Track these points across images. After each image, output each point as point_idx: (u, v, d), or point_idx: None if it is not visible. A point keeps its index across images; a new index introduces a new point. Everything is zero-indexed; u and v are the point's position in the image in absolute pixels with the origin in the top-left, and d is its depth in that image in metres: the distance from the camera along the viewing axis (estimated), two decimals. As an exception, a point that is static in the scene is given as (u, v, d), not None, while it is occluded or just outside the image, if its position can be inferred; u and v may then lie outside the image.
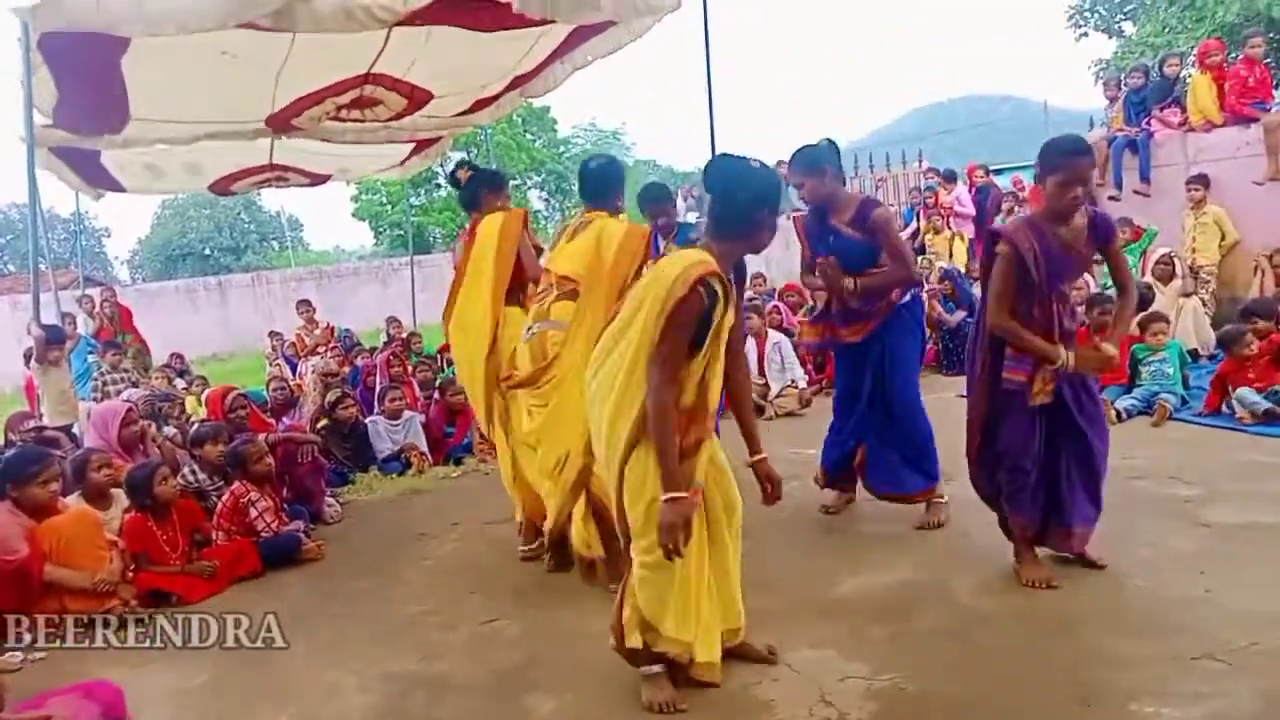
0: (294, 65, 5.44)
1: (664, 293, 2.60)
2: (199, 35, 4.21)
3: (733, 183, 2.77)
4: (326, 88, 6.10)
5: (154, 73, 5.02)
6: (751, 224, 2.77)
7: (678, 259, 2.70)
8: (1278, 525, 3.86)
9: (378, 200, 29.20)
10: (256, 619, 3.71)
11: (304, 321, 10.24)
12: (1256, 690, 2.65)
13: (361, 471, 6.27)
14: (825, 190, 4.16)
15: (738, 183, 2.77)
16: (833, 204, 4.18)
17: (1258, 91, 8.19)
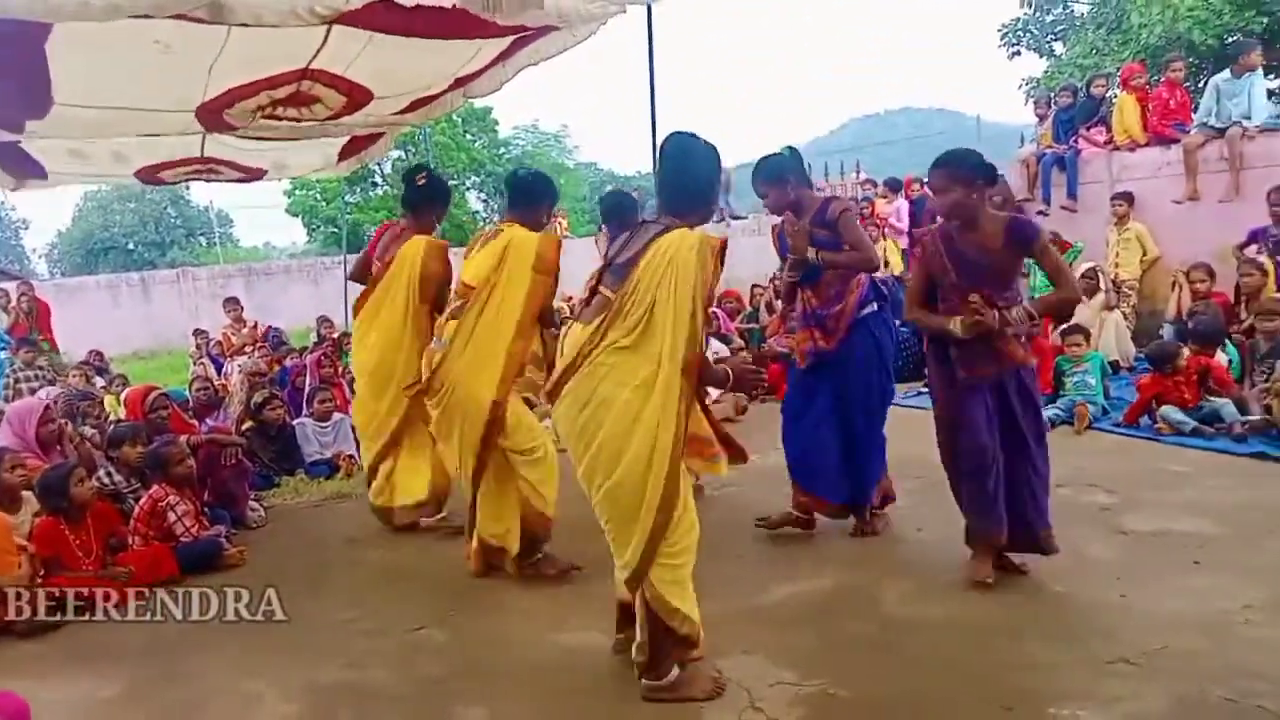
0: (229, 57, 5.27)
1: (691, 270, 2.60)
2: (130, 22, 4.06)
3: (691, 159, 2.85)
4: (262, 80, 5.92)
5: (80, 58, 4.84)
6: (708, 198, 2.91)
7: (680, 239, 2.66)
8: (1189, 532, 4.00)
9: (312, 197, 28.60)
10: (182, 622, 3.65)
11: (231, 320, 9.97)
12: (1167, 692, 2.74)
13: (288, 475, 6.12)
14: (789, 199, 4.21)
15: (695, 159, 2.85)
16: (799, 210, 4.23)
17: (1178, 114, 8.50)
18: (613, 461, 2.69)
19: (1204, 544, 3.84)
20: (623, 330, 2.69)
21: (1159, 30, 14.08)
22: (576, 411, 2.74)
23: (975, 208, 3.49)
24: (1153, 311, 8.08)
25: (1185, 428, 5.47)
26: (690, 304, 2.61)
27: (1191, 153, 8.02)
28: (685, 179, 2.86)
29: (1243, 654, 2.91)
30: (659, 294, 2.63)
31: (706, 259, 2.63)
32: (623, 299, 2.70)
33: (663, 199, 2.88)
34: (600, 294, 2.83)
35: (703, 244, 2.63)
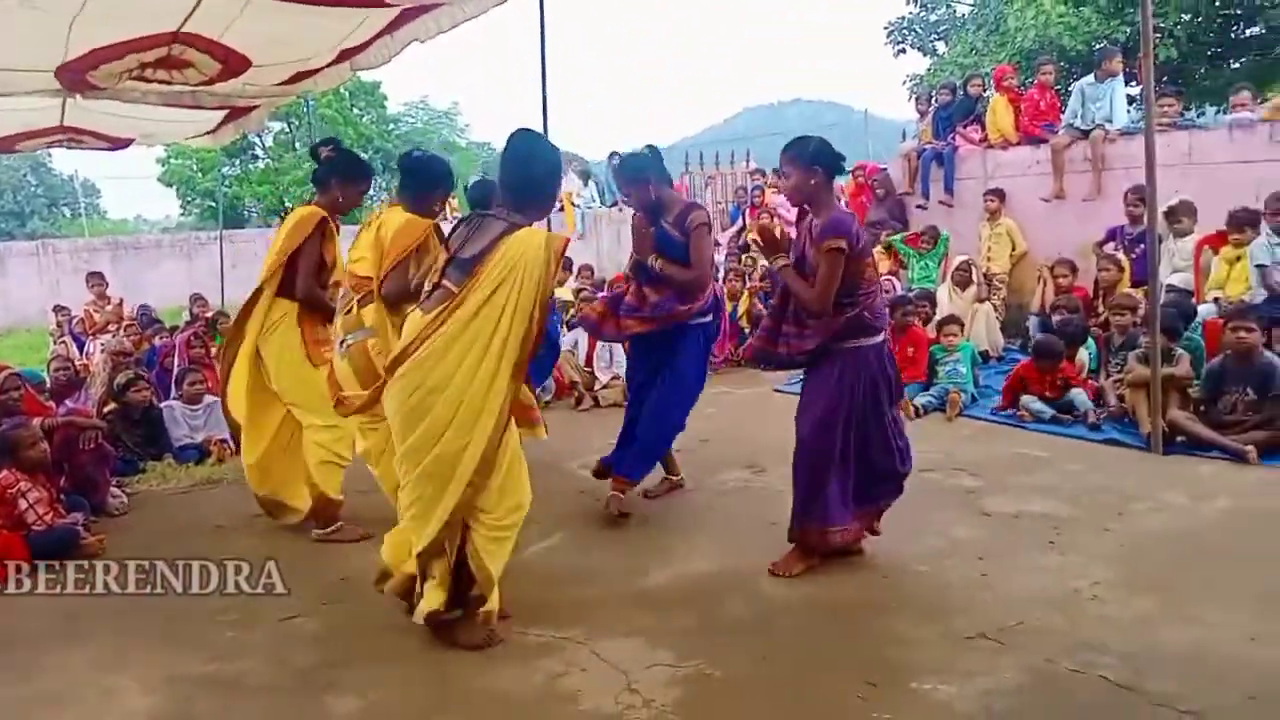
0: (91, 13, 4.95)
1: (538, 270, 2.75)
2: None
3: (533, 158, 2.99)
4: (129, 41, 5.58)
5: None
6: (548, 195, 3.07)
7: (528, 239, 2.80)
8: (1046, 514, 4.23)
9: (188, 167, 27.27)
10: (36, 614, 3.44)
11: (94, 296, 9.43)
12: (1021, 665, 2.89)
13: (155, 460, 5.84)
14: (650, 197, 4.34)
15: (538, 157, 3.00)
16: (661, 208, 4.35)
17: (1047, 115, 8.91)
18: (433, 441, 2.82)
19: (1059, 525, 4.07)
20: (460, 323, 2.79)
21: (1033, 34, 14.73)
22: (407, 395, 2.85)
23: (813, 193, 3.54)
24: (1021, 304, 8.46)
25: (1044, 416, 5.77)
26: (531, 304, 2.77)
27: (1059, 153, 8.43)
28: (528, 176, 2.98)
29: (1090, 629, 3.10)
30: (500, 289, 2.76)
31: (551, 261, 2.79)
32: (465, 292, 2.80)
33: (505, 193, 2.99)
34: (444, 287, 2.90)
35: (549, 245, 2.79)
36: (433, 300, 2.92)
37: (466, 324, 2.78)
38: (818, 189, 3.53)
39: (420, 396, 2.81)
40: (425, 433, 2.81)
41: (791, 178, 3.57)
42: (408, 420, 2.86)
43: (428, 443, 2.82)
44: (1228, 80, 13.94)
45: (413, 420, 2.84)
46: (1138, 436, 5.24)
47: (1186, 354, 5.42)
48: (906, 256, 8.97)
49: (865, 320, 3.52)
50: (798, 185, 3.55)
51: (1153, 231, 5.35)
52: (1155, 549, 3.79)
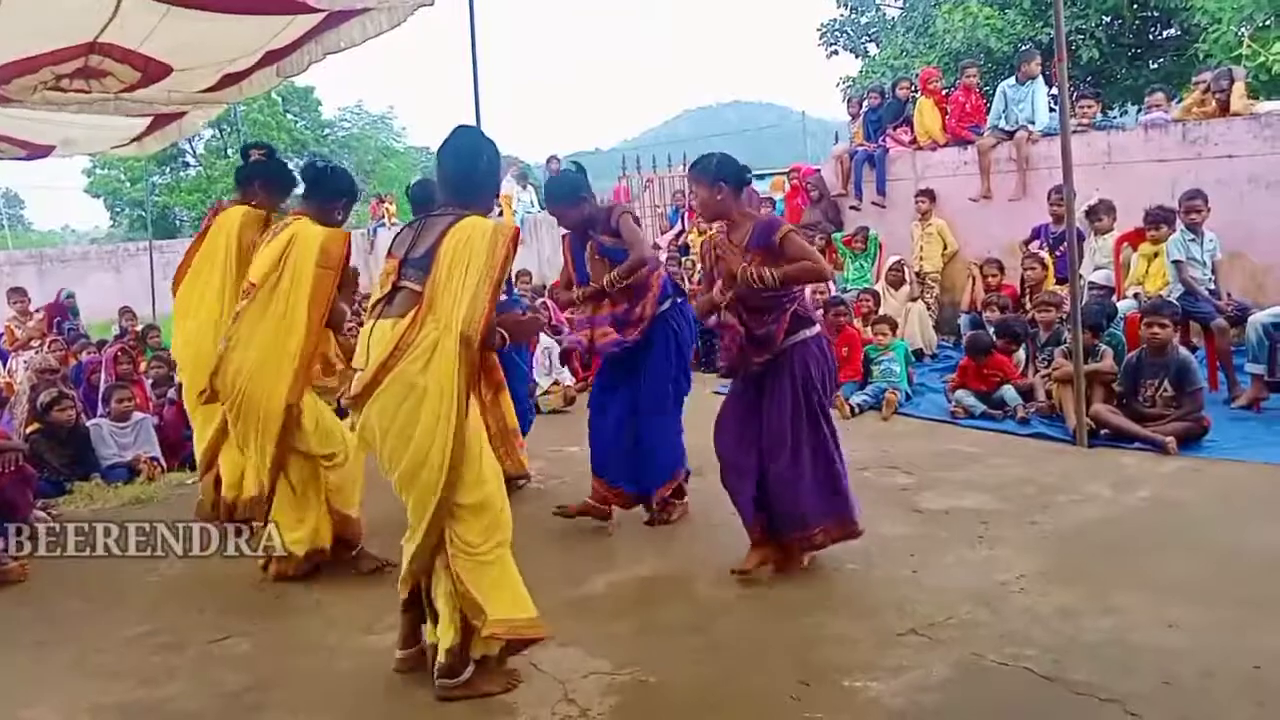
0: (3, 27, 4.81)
1: (483, 253, 2.69)
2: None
3: (473, 152, 2.98)
4: (43, 54, 5.43)
5: None
6: (489, 190, 3.08)
7: (474, 225, 2.76)
8: (975, 509, 4.33)
9: (115, 176, 26.61)
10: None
11: (16, 312, 9.14)
12: (949, 660, 2.95)
13: (82, 480, 5.68)
14: (583, 215, 4.36)
15: (478, 153, 2.99)
16: (592, 224, 4.36)
17: (973, 116, 9.12)
18: (426, 449, 2.71)
19: (987, 519, 4.17)
20: (436, 320, 2.70)
21: (960, 36, 15.04)
22: (396, 406, 2.71)
23: (722, 207, 3.67)
24: (954, 302, 8.66)
25: (976, 411, 5.91)
26: (476, 279, 2.69)
27: (985, 153, 8.64)
28: (468, 172, 2.97)
29: (1015, 621, 3.18)
30: (453, 275, 2.70)
31: (498, 244, 2.74)
32: (432, 290, 2.72)
33: (446, 191, 2.97)
34: (405, 288, 2.80)
35: (496, 230, 2.76)
36: (396, 305, 2.81)
37: (445, 322, 2.69)
38: (726, 202, 3.67)
39: (412, 405, 2.70)
40: (419, 442, 2.71)
41: (699, 195, 3.71)
42: (401, 435, 2.72)
43: (421, 452, 2.71)
44: (1147, 80, 14.40)
45: (406, 432, 2.71)
46: (1064, 430, 5.39)
47: (1110, 349, 5.59)
48: (844, 256, 9.10)
49: (800, 314, 3.67)
50: (705, 201, 3.70)
51: (1072, 230, 5.51)
52: (1079, 540, 3.90)
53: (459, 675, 2.85)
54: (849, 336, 6.87)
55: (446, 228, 2.77)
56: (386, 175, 30.10)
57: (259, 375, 3.61)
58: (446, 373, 2.68)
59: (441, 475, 2.70)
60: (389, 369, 2.70)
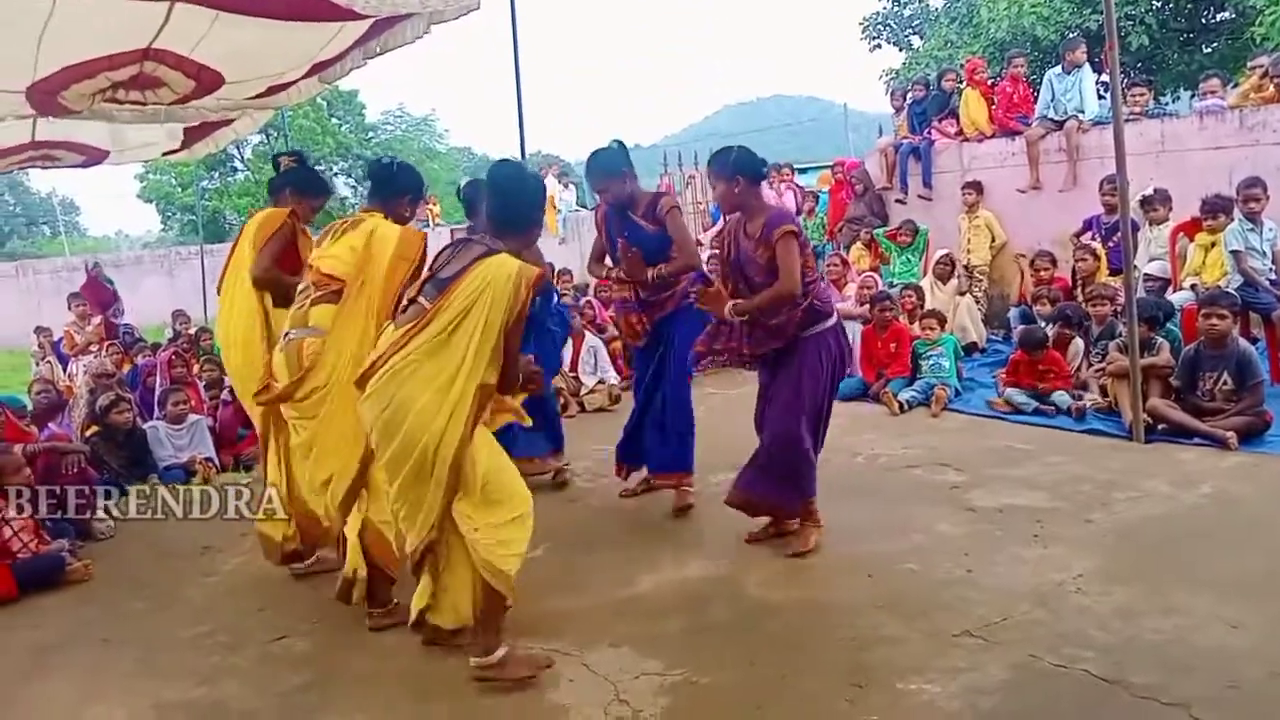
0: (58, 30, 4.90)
1: (505, 297, 2.81)
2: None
3: (514, 187, 3.10)
4: (99, 59, 5.53)
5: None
6: (531, 223, 3.14)
7: (499, 267, 2.85)
8: (1029, 507, 4.25)
9: (166, 182, 27.17)
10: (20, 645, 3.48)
11: (75, 317, 9.37)
12: (1005, 662, 2.90)
13: (140, 482, 5.81)
14: (626, 191, 4.39)
15: (519, 187, 3.10)
16: (633, 202, 4.41)
17: (1021, 107, 8.95)
18: (410, 451, 2.84)
19: (1042, 517, 4.09)
20: (426, 338, 2.83)
21: (1005, 25, 14.80)
22: (380, 409, 2.87)
23: (740, 200, 3.84)
24: (1003, 295, 8.53)
25: (1028, 408, 5.80)
26: (496, 333, 2.83)
27: (1033, 144, 8.48)
28: (510, 205, 3.08)
29: (1073, 622, 3.12)
30: (471, 311, 2.81)
31: (520, 289, 2.84)
32: (436, 311, 2.85)
33: (489, 221, 3.09)
34: (417, 303, 2.94)
35: (519, 275, 2.84)
36: (406, 316, 2.95)
37: (437, 342, 2.82)
38: (743, 195, 3.84)
39: (394, 410, 2.83)
40: (402, 443, 2.84)
41: (718, 188, 3.90)
42: (385, 432, 2.88)
43: (406, 452, 2.84)
44: (1200, 65, 14.04)
45: (390, 432, 2.86)
46: (1120, 426, 5.28)
47: (1166, 342, 5.46)
48: (889, 251, 8.99)
49: (817, 307, 3.81)
50: (724, 195, 3.88)
51: (1126, 220, 5.39)
52: (1137, 539, 3.82)
53: (494, 652, 2.94)
54: (896, 332, 6.79)
55: (475, 259, 2.88)
56: (429, 177, 30.39)
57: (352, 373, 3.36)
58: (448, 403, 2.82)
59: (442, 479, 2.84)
60: (376, 369, 2.88)
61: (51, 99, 5.98)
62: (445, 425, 2.81)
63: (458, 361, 2.82)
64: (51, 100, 6.01)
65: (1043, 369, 5.98)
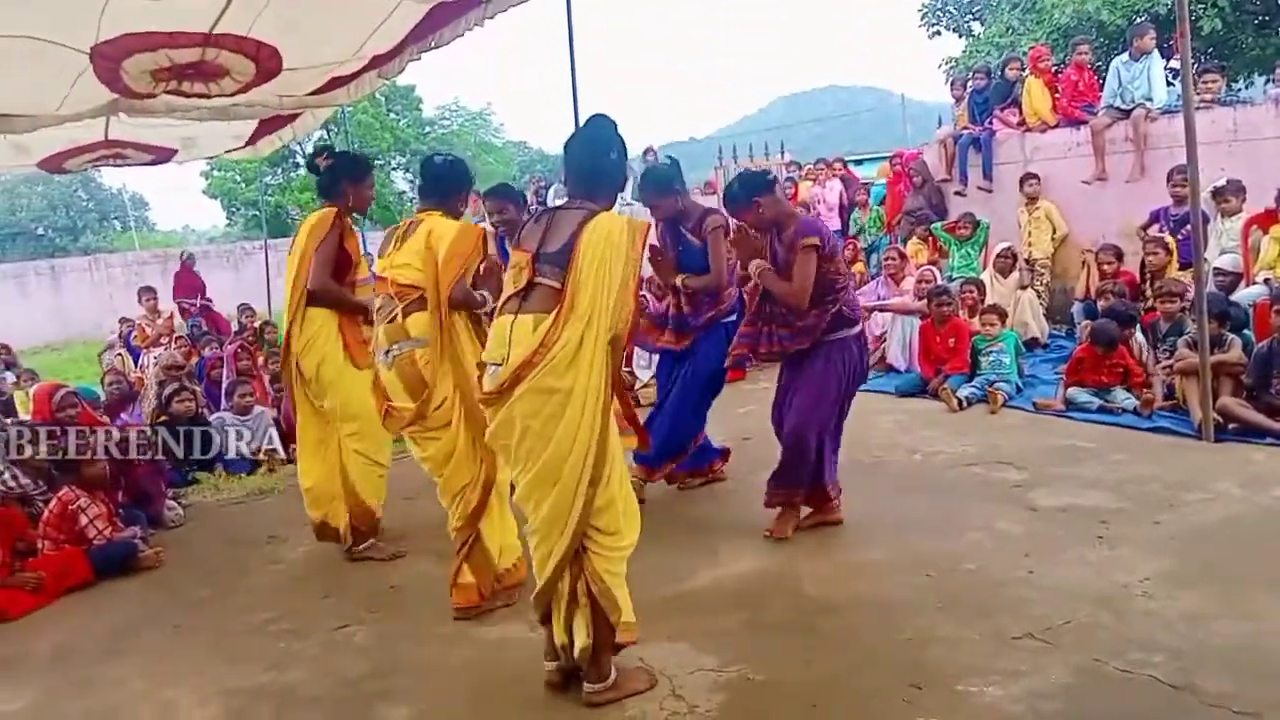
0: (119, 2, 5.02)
1: (623, 250, 2.70)
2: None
3: (604, 145, 2.95)
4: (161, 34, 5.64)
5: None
6: (618, 182, 3.01)
7: (611, 222, 2.74)
8: (1093, 507, 4.16)
9: (231, 178, 27.79)
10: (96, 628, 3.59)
11: (146, 310, 9.66)
12: (1068, 665, 2.85)
13: (207, 471, 5.99)
14: (677, 208, 4.57)
15: (608, 145, 2.95)
16: (685, 217, 4.57)
17: (1086, 95, 8.73)
18: (568, 448, 2.67)
19: (1106, 518, 4.00)
20: (580, 317, 2.66)
21: (1070, 10, 14.44)
22: (540, 406, 2.66)
23: (769, 218, 4.00)
24: (1065, 289, 8.33)
25: (1091, 406, 5.67)
26: (620, 277, 2.68)
27: (1099, 134, 8.26)
28: (597, 163, 2.93)
29: (1139, 626, 3.05)
30: (596, 273, 2.67)
31: (636, 240, 2.74)
32: (573, 286, 2.67)
33: (574, 182, 2.95)
34: (542, 285, 2.74)
35: (632, 226, 2.77)
36: (534, 300, 2.75)
37: (587, 319, 2.66)
38: (769, 212, 3.99)
39: (558, 403, 2.65)
40: (560, 441, 2.66)
41: (746, 218, 4.02)
42: (541, 435, 2.68)
43: (563, 451, 2.66)
44: (1276, 50, 13.56)
45: (545, 434, 2.67)
46: (1188, 424, 5.14)
47: (1237, 339, 5.30)
48: (948, 244, 8.84)
49: (844, 314, 3.96)
50: (754, 222, 4.02)
51: (1196, 213, 5.24)
52: (1207, 541, 3.72)
53: (607, 678, 2.84)
54: (955, 327, 6.69)
55: (582, 222, 2.73)
56: (485, 171, 30.65)
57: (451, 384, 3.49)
58: (594, 371, 2.66)
59: (585, 474, 2.67)
60: (533, 366, 2.65)
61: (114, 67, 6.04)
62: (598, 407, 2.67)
63: (600, 335, 2.67)
64: (114, 71, 6.07)
65: (1110, 365, 5.82)
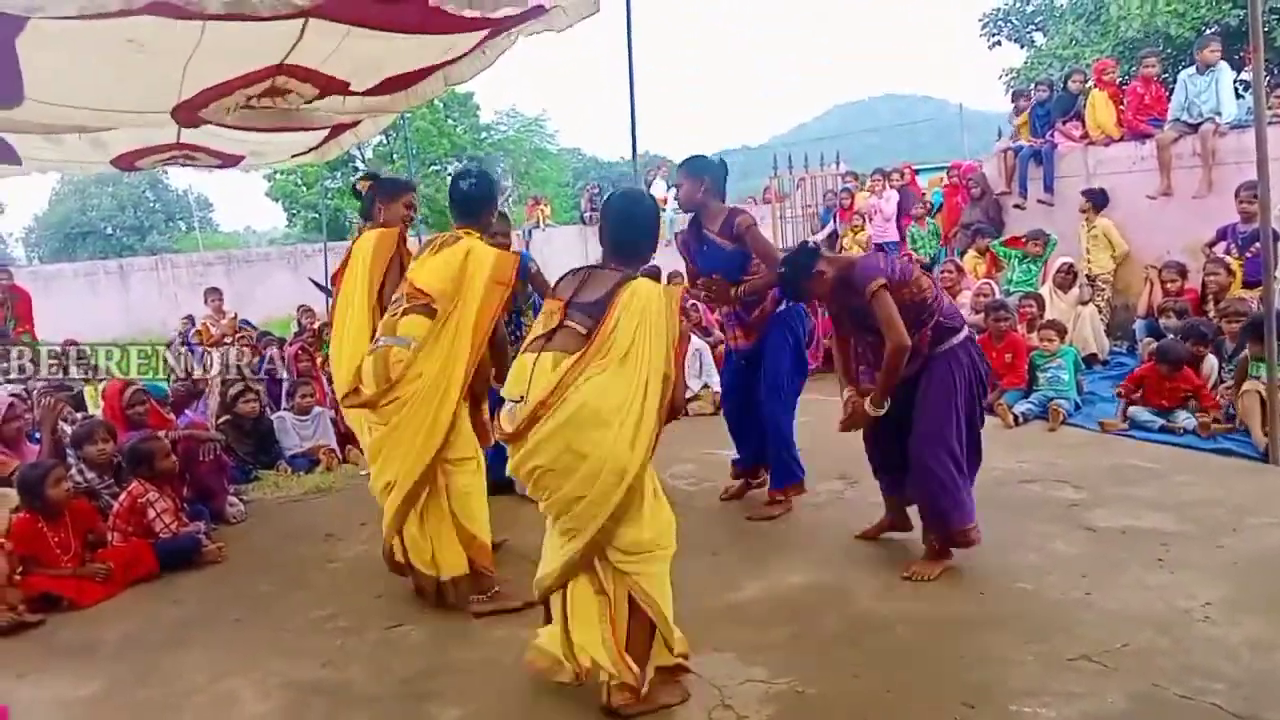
0: (204, 55, 5.21)
1: (662, 319, 2.82)
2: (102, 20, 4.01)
3: (634, 214, 3.13)
4: (237, 79, 5.86)
5: (53, 56, 4.78)
6: (648, 249, 3.15)
7: (648, 291, 2.85)
8: (1154, 529, 4.08)
9: (293, 181, 28.38)
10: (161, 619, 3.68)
11: (211, 310, 9.94)
12: (1125, 690, 2.81)
13: (267, 468, 6.14)
14: (698, 197, 4.56)
15: (638, 214, 3.14)
16: (704, 213, 4.58)
17: (1153, 108, 8.56)
18: (588, 478, 2.73)
19: (1167, 541, 3.93)
20: (604, 363, 2.75)
21: (1137, 24, 14.17)
22: (558, 450, 2.74)
23: (832, 280, 3.80)
24: (1127, 305, 8.18)
25: (1153, 426, 5.55)
26: (664, 353, 2.80)
27: (1165, 148, 8.10)
28: (629, 232, 3.11)
29: (1200, 652, 2.99)
30: (638, 333, 2.78)
31: (672, 308, 2.86)
32: (605, 333, 2.77)
33: (608, 248, 3.10)
34: (569, 327, 2.84)
35: (668, 296, 2.87)
36: (559, 340, 2.84)
37: (615, 368, 2.74)
38: (831, 271, 3.79)
39: (578, 446, 2.72)
40: (584, 476, 2.73)
41: (817, 291, 3.88)
42: (566, 470, 2.75)
43: (586, 484, 2.74)
44: (1353, 63, 13.14)
45: (571, 467, 2.74)
46: (1251, 446, 5.01)
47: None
48: (1007, 259, 8.72)
49: (943, 324, 3.77)
50: (826, 291, 3.84)
51: (1266, 230, 5.12)
52: (1272, 567, 3.62)
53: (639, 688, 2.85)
54: (1013, 342, 6.60)
55: (617, 285, 2.86)
56: (540, 177, 30.93)
57: (436, 384, 3.56)
58: (619, 408, 2.73)
59: (609, 512, 2.75)
60: (549, 406, 2.72)
61: (192, 114, 6.34)
62: (629, 451, 2.72)
63: (636, 385, 2.75)
64: (193, 116, 6.37)
65: (1172, 387, 5.69)
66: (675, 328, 2.85)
